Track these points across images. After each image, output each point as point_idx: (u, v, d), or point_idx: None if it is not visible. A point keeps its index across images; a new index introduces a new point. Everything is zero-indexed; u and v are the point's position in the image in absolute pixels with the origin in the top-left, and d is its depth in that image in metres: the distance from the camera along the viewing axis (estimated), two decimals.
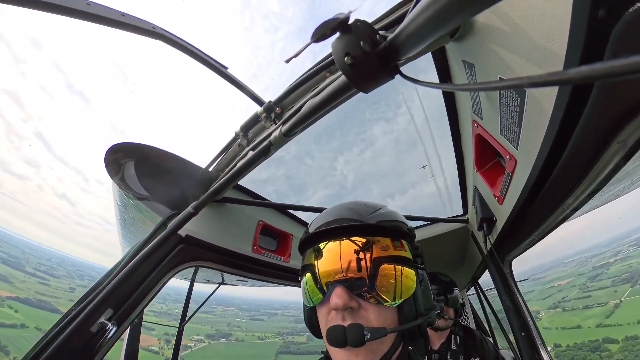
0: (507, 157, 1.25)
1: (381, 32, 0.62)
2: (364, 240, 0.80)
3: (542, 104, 0.86)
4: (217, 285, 3.21)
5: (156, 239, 1.45)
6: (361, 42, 0.57)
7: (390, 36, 0.58)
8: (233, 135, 1.60)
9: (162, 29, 1.35)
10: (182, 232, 1.60)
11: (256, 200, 2.10)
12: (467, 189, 2.45)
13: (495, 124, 1.21)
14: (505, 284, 2.06)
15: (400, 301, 0.79)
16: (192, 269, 1.86)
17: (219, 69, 1.57)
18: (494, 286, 2.18)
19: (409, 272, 0.82)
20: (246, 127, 1.53)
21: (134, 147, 1.47)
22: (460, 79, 1.36)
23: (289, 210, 2.37)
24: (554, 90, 0.78)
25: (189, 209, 1.46)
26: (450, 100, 1.84)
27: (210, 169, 1.74)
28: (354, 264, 0.78)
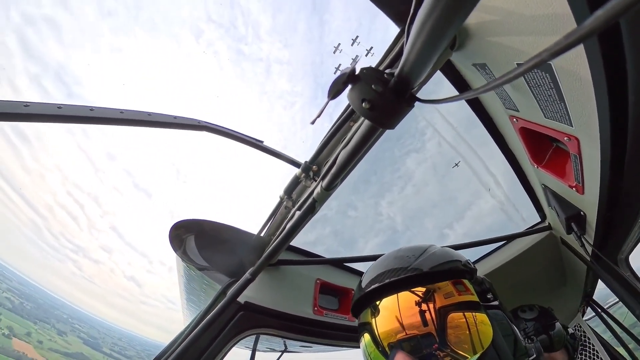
0: (565, 138, 1.18)
1: (387, 70, 0.69)
2: (423, 289, 0.75)
3: (575, 69, 0.83)
4: (280, 353, 3.07)
5: (216, 308, 1.50)
6: (372, 86, 0.63)
7: (397, 71, 0.63)
8: (278, 199, 1.74)
9: (205, 121, 1.63)
10: (242, 299, 1.65)
11: (310, 258, 2.12)
12: (534, 191, 2.25)
13: (535, 110, 1.18)
14: (629, 289, 1.73)
15: (478, 355, 0.69)
16: (253, 337, 1.85)
17: (257, 144, 1.80)
18: (616, 298, 1.83)
19: (482, 317, 0.74)
20: (289, 190, 1.67)
21: (193, 222, 1.68)
22: (477, 82, 1.38)
23: (345, 264, 2.33)
24: (580, 50, 0.76)
25: (246, 275, 1.52)
26: (477, 106, 1.83)
27: (262, 234, 1.86)
28: (416, 319, 0.72)
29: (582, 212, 1.68)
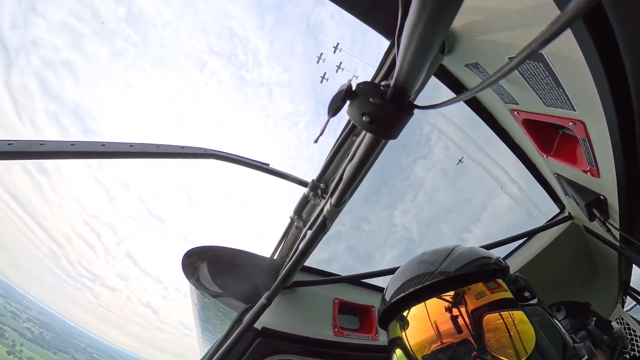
0: (570, 123, 1.17)
1: (383, 82, 0.71)
2: (451, 293, 0.71)
3: (567, 53, 0.85)
4: None
5: (233, 335, 1.47)
6: (370, 99, 0.65)
7: (392, 82, 0.65)
8: (289, 220, 1.75)
9: (211, 149, 1.69)
10: (259, 325, 1.62)
11: (326, 277, 2.09)
12: (548, 182, 2.21)
13: (534, 100, 1.19)
14: None
15: (525, 358, 0.63)
16: None
17: (263, 167, 1.85)
18: None
19: (520, 316, 0.69)
20: (299, 210, 1.68)
21: (205, 249, 1.69)
22: (472, 82, 1.40)
23: (363, 281, 2.27)
24: (568, 35, 0.77)
25: (262, 300, 1.51)
26: (476, 106, 1.85)
27: (275, 257, 1.86)
28: (449, 326, 0.68)
29: (601, 196, 1.64)
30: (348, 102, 0.66)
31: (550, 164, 1.71)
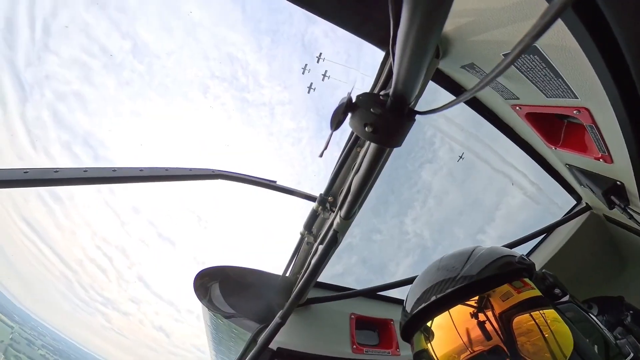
0: (574, 111, 1.17)
1: (382, 92, 0.72)
2: (476, 297, 0.68)
3: (562, 43, 0.85)
4: None
5: (248, 357, 1.45)
6: (371, 109, 0.66)
7: (390, 90, 0.67)
8: (299, 236, 1.74)
9: (219, 170, 1.73)
10: (274, 345, 1.60)
11: (341, 292, 2.05)
12: (560, 174, 2.17)
13: (535, 93, 1.19)
14: None
15: None
16: None
17: (270, 185, 1.87)
18: None
19: (552, 314, 0.64)
20: (308, 225, 1.68)
21: (216, 269, 1.70)
22: (470, 82, 1.41)
23: (379, 293, 2.23)
24: (559, 24, 0.78)
25: (276, 319, 1.48)
26: (477, 106, 1.85)
27: (287, 274, 1.85)
28: (477, 333, 0.64)
29: (618, 182, 1.61)
30: (349, 115, 0.67)
31: (560, 155, 1.69)
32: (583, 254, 2.42)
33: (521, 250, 2.51)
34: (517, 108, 1.43)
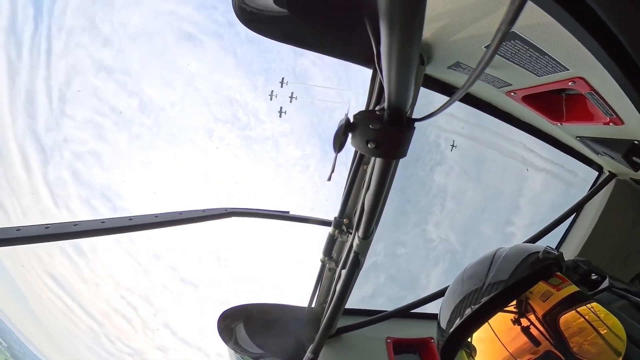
0: (570, 83, 1.17)
1: (377, 108, 0.74)
2: (513, 303, 0.64)
3: (536, 21, 0.87)
4: None
5: None
6: (370, 126, 0.68)
7: (385, 104, 0.69)
8: (320, 263, 1.72)
9: (231, 208, 1.75)
10: None
11: (373, 317, 1.95)
12: (574, 149, 2.13)
13: (526, 76, 1.20)
14: None
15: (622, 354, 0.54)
16: None
17: (283, 216, 1.88)
18: None
19: (597, 308, 0.60)
20: (328, 250, 1.66)
21: (239, 309, 1.67)
22: (460, 80, 1.44)
23: (413, 311, 2.11)
24: (530, 5, 0.80)
25: (308, 355, 1.43)
26: (472, 101, 1.87)
27: (313, 305, 1.80)
28: (523, 340, 0.60)
29: (635, 141, 1.57)
30: (350, 135, 0.69)
31: (568, 129, 1.68)
32: (621, 223, 2.31)
33: (554, 235, 2.41)
34: (512, 94, 1.45)
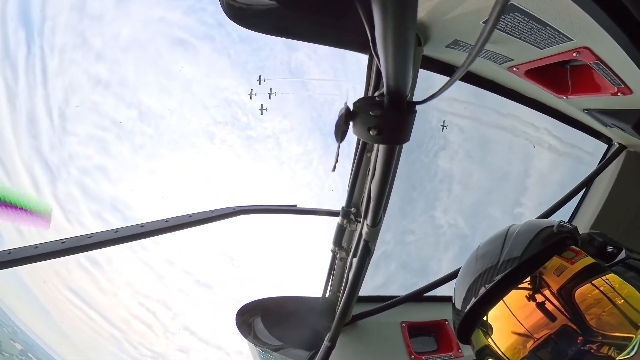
0: (574, 54, 1.14)
1: (376, 94, 0.73)
2: (527, 279, 0.64)
3: None
4: None
5: None
6: (370, 112, 0.67)
7: (384, 89, 0.68)
8: (330, 253, 1.74)
9: (239, 206, 1.77)
10: None
11: (387, 302, 1.98)
12: (581, 122, 2.09)
13: (527, 49, 1.17)
14: None
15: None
16: None
17: (291, 210, 1.91)
18: None
19: (613, 278, 0.59)
20: (337, 240, 1.68)
21: (256, 304, 1.73)
22: (459, 59, 1.41)
23: (426, 295, 2.13)
24: None
25: (325, 343, 1.45)
26: (473, 79, 1.84)
27: (327, 295, 1.83)
28: (539, 316, 0.60)
29: None
30: (351, 123, 0.68)
31: (574, 102, 1.65)
32: (633, 195, 2.28)
33: (564, 211, 2.39)
34: (515, 69, 1.42)
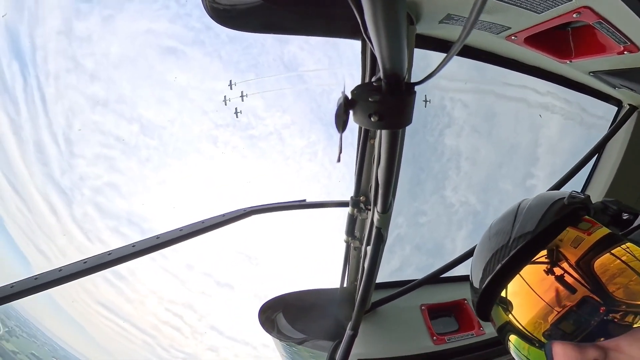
0: (574, 15, 1.11)
1: (373, 79, 0.72)
2: (544, 253, 0.64)
3: None
4: None
5: None
6: (369, 99, 0.67)
7: (381, 73, 0.67)
8: (344, 243, 1.78)
9: (249, 207, 1.83)
10: (353, 358, 1.58)
11: (404, 287, 2.02)
12: (588, 86, 2.03)
13: (524, 15, 1.14)
14: None
15: None
16: None
17: (300, 205, 1.96)
18: None
19: (633, 247, 0.60)
20: (350, 230, 1.71)
21: (276, 300, 1.78)
22: (455, 33, 1.38)
23: (443, 276, 2.16)
24: None
25: (347, 332, 1.49)
26: (472, 53, 1.81)
27: (345, 285, 1.89)
28: (558, 288, 0.60)
29: None
30: (351, 112, 0.68)
31: (579, 65, 1.60)
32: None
33: (577, 179, 2.36)
34: (513, 37, 1.39)
